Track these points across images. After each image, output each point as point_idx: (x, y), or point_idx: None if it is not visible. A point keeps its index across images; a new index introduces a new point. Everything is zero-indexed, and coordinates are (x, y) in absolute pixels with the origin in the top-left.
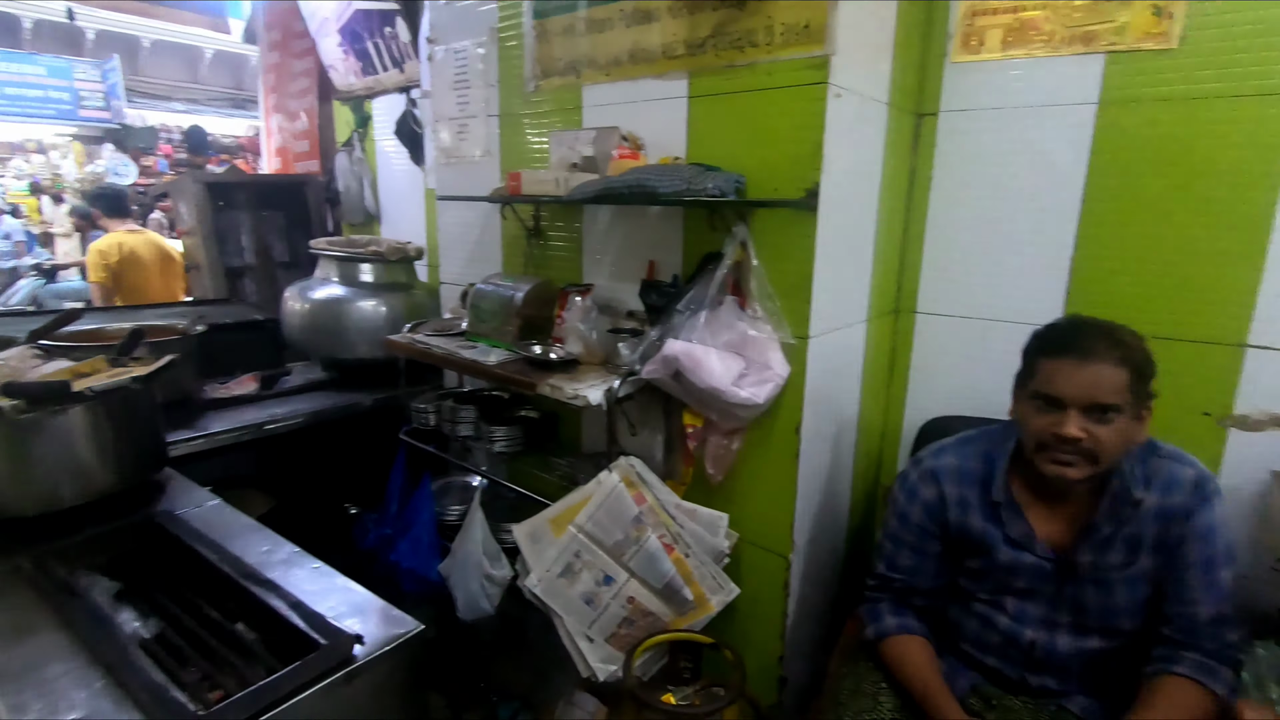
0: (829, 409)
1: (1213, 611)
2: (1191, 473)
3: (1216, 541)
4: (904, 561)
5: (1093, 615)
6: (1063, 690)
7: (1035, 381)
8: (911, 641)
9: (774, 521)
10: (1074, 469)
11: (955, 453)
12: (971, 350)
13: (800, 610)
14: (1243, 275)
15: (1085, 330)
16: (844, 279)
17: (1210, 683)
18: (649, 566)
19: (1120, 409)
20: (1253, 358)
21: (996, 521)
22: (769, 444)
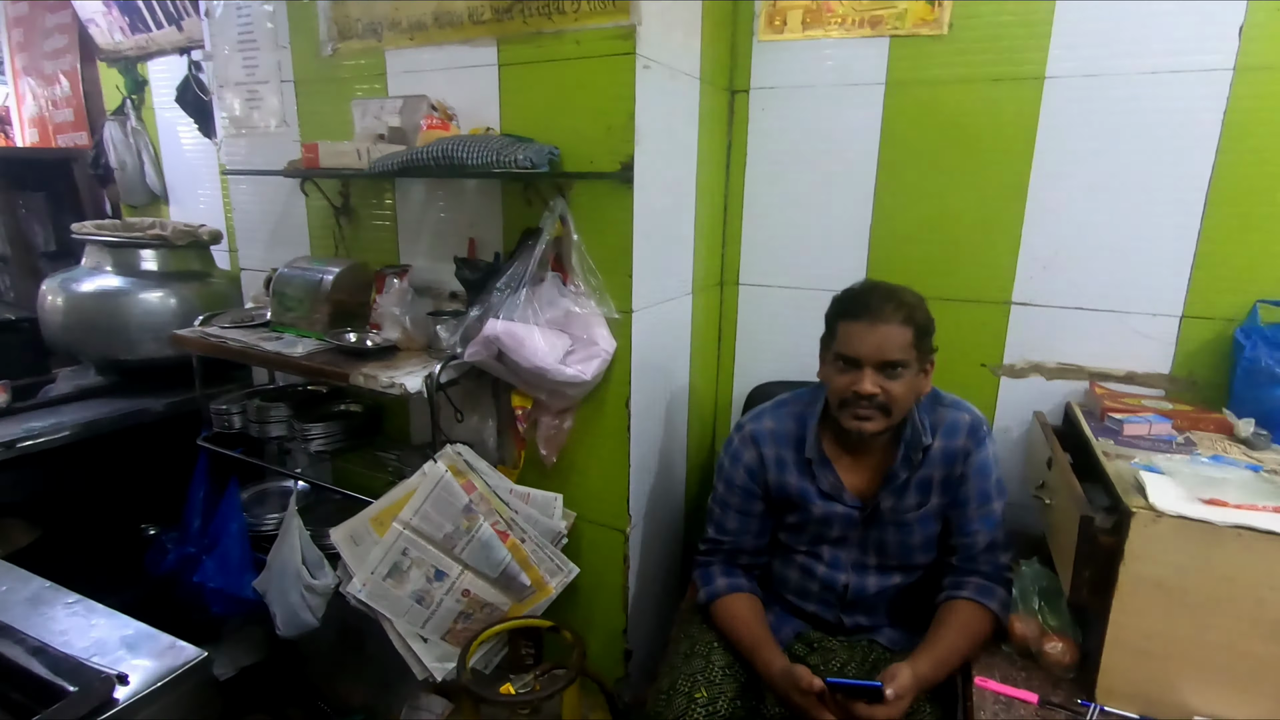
0: (659, 381)
1: (988, 539)
2: (968, 418)
3: (989, 477)
4: (731, 524)
5: (894, 554)
6: (873, 625)
7: (836, 343)
8: (740, 599)
9: (610, 497)
10: (871, 422)
11: (772, 416)
12: (790, 318)
13: (641, 582)
14: (1007, 240)
15: (875, 294)
16: (665, 253)
17: (988, 602)
18: (483, 556)
19: (907, 365)
20: (1016, 313)
21: (810, 477)
22: (601, 420)
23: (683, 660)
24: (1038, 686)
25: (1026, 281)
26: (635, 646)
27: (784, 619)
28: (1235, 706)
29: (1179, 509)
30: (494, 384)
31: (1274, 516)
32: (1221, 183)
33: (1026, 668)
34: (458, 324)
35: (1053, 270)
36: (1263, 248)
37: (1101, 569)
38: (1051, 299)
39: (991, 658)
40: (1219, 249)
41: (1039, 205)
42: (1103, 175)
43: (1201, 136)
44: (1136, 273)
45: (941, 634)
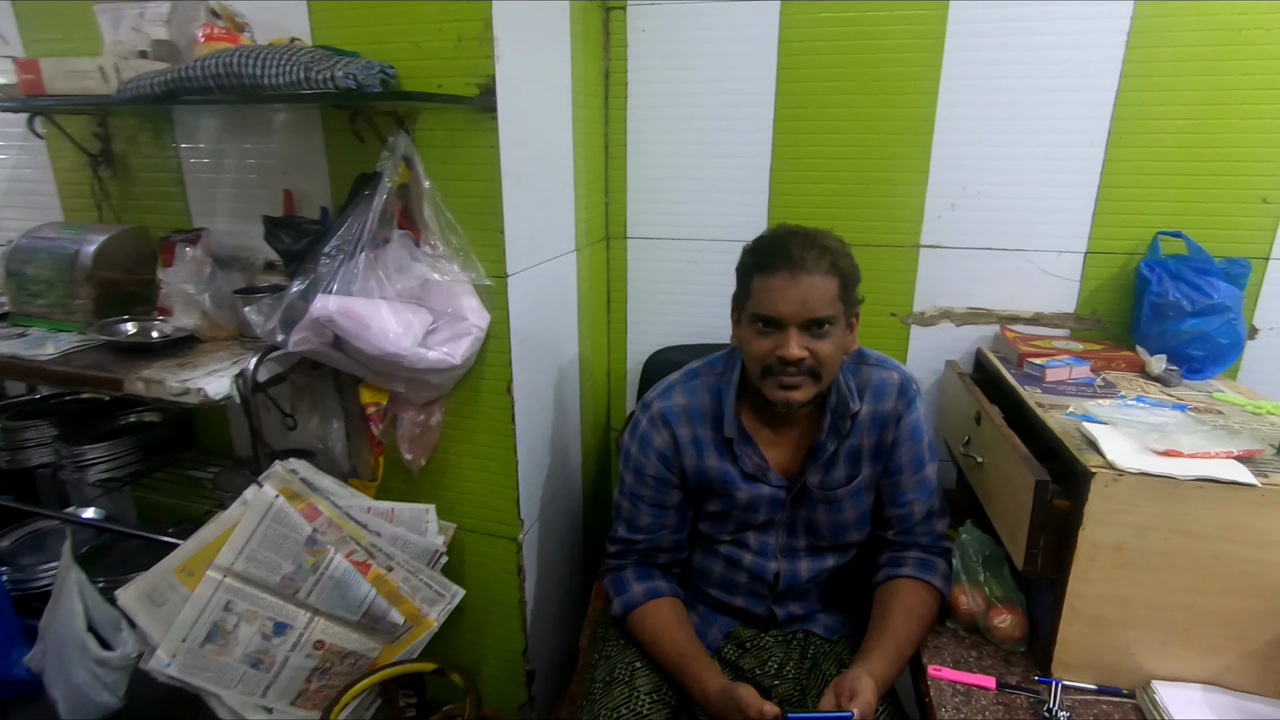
0: (545, 357)
1: (925, 508)
2: (896, 377)
3: (922, 441)
4: (644, 520)
5: (826, 534)
6: (806, 613)
7: (752, 302)
8: (661, 606)
9: (496, 501)
10: (800, 391)
11: (683, 390)
12: (685, 274)
13: (541, 592)
14: (914, 179)
15: (794, 241)
16: (543, 202)
17: (930, 578)
18: (338, 597)
19: (835, 320)
20: (925, 257)
21: (731, 458)
22: (478, 410)
23: (602, 690)
24: (991, 667)
25: (935, 222)
26: (538, 664)
27: (710, 618)
28: (1192, 666)
29: (1139, 465)
30: (336, 376)
31: (1232, 464)
32: (1123, 117)
33: (975, 644)
34: (276, 303)
35: (961, 209)
36: (1161, 181)
37: (1057, 536)
38: (960, 240)
39: (938, 638)
40: (1120, 182)
41: (946, 142)
42: (1008, 110)
43: (1104, 70)
44: (1042, 209)
45: (890, 624)
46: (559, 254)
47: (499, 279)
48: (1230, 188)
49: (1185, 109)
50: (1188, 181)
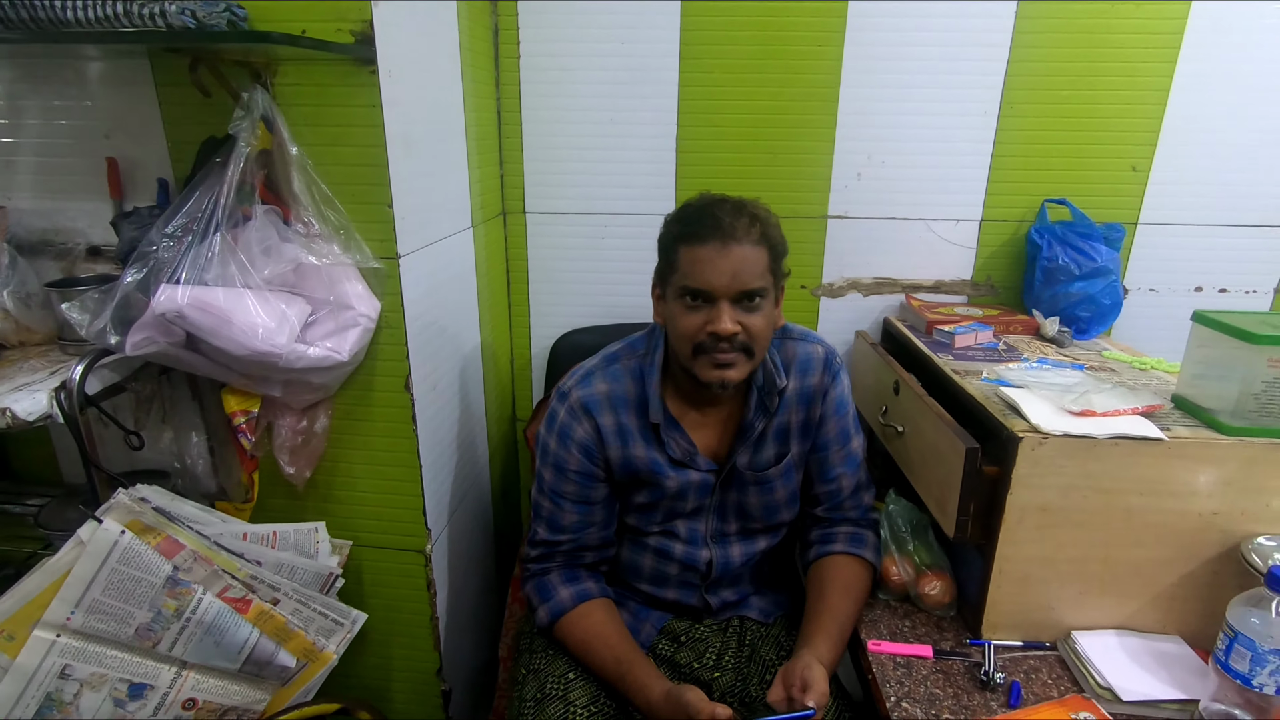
0: (445, 347)
1: (853, 482)
2: (821, 350)
3: (848, 414)
4: (568, 518)
5: (757, 516)
6: (740, 599)
7: (679, 276)
8: (593, 611)
9: (398, 511)
10: (734, 369)
11: (604, 376)
12: (593, 250)
13: (454, 605)
14: (821, 149)
15: (723, 209)
16: (435, 172)
17: (863, 552)
18: (211, 644)
19: (766, 293)
20: (833, 228)
21: (659, 444)
22: (371, 411)
23: (534, 709)
24: (926, 634)
25: (842, 192)
26: (455, 681)
27: (641, 614)
28: (1107, 614)
29: (1062, 426)
30: (192, 382)
31: (1139, 420)
32: (1013, 88)
33: (908, 613)
34: (105, 298)
35: (867, 179)
36: (1048, 150)
37: (986, 501)
38: (866, 210)
39: (872, 611)
40: (1011, 151)
41: (851, 110)
42: (909, 79)
43: (995, 41)
44: (941, 179)
45: (829, 603)
46: (454, 231)
47: (389, 260)
48: (1106, 156)
49: (1068, 80)
50: (1071, 150)
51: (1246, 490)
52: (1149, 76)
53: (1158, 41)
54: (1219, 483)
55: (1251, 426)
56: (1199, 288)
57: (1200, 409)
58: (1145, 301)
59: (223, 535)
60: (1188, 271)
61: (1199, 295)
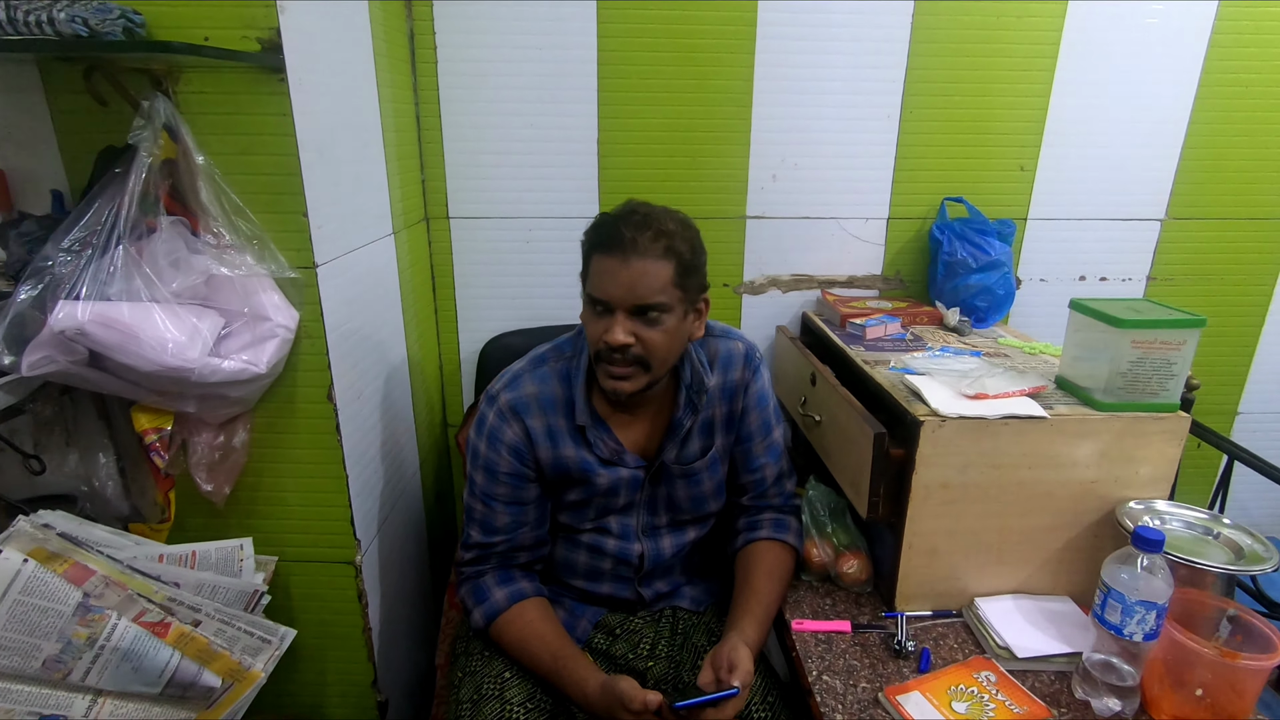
0: (369, 355)
1: (776, 471)
2: (741, 346)
3: (768, 406)
4: (501, 520)
5: (686, 509)
6: (672, 589)
7: (588, 283)
8: (527, 608)
9: (326, 523)
10: (629, 381)
11: (532, 378)
12: (519, 254)
13: (387, 614)
14: (738, 151)
15: (628, 222)
16: (352, 178)
17: (786, 537)
18: (129, 670)
19: (668, 308)
20: (751, 228)
21: (587, 445)
22: (294, 424)
23: (470, 710)
24: (845, 611)
25: (759, 194)
26: (391, 691)
27: (577, 610)
28: (1004, 580)
29: (958, 409)
30: (99, 400)
31: (1025, 400)
32: (912, 93)
33: (829, 592)
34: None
35: (781, 180)
36: (946, 151)
37: (894, 482)
38: (782, 210)
39: (796, 592)
40: (913, 153)
41: (765, 115)
42: (817, 85)
43: (894, 49)
44: (850, 179)
45: (754, 587)
46: (375, 238)
47: (306, 270)
48: (998, 156)
49: (961, 85)
50: (966, 151)
51: (1119, 460)
52: (1033, 81)
53: (1040, 40)
54: (1095, 454)
55: (1120, 402)
56: (1083, 276)
57: (1078, 388)
58: (1036, 290)
59: (137, 558)
60: (1072, 262)
61: (1083, 284)
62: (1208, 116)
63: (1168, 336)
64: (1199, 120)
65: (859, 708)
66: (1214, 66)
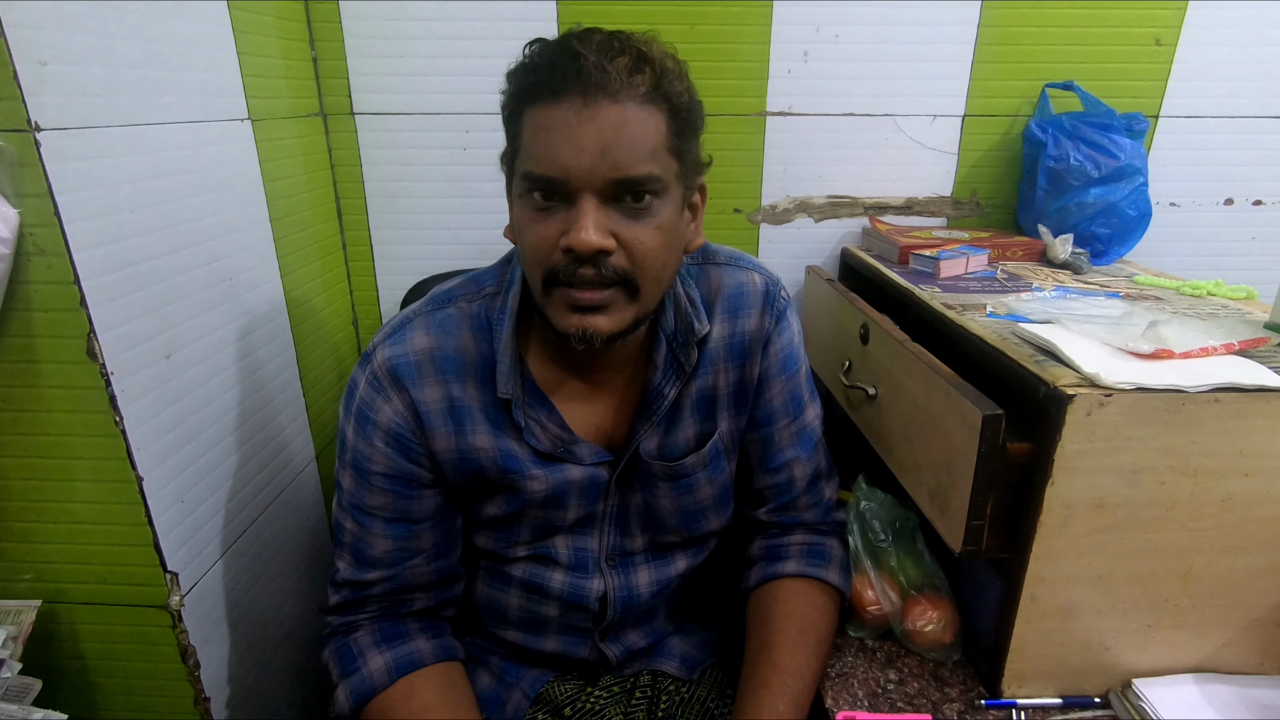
0: (194, 292)
1: (809, 468)
2: (759, 279)
3: (798, 370)
4: (381, 546)
5: (674, 526)
6: (651, 644)
7: (522, 157)
8: (421, 689)
9: (113, 547)
10: (605, 314)
11: (427, 326)
12: (453, 165)
13: (241, 677)
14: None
15: (588, 44)
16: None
17: (824, 573)
18: None
19: (662, 188)
20: (773, 129)
21: (514, 431)
22: (40, 395)
23: None
24: (919, 693)
25: (783, 79)
26: None
27: (510, 675)
28: (1181, 652)
29: (1131, 376)
30: None
31: (1250, 364)
32: None
33: (891, 657)
34: None
35: (815, 60)
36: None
37: (1012, 495)
38: (814, 104)
39: (841, 657)
40: (1001, 21)
41: None
42: None
43: None
44: (912, 61)
45: (778, 661)
46: (203, 118)
47: (18, 134)
48: (1122, 24)
49: None
50: (1078, 17)
51: None
52: None
53: None
54: None
55: None
56: (1229, 200)
57: None
58: (1164, 218)
59: None
60: (1217, 179)
61: (1229, 209)
62: None
63: None
64: None
65: None
66: None
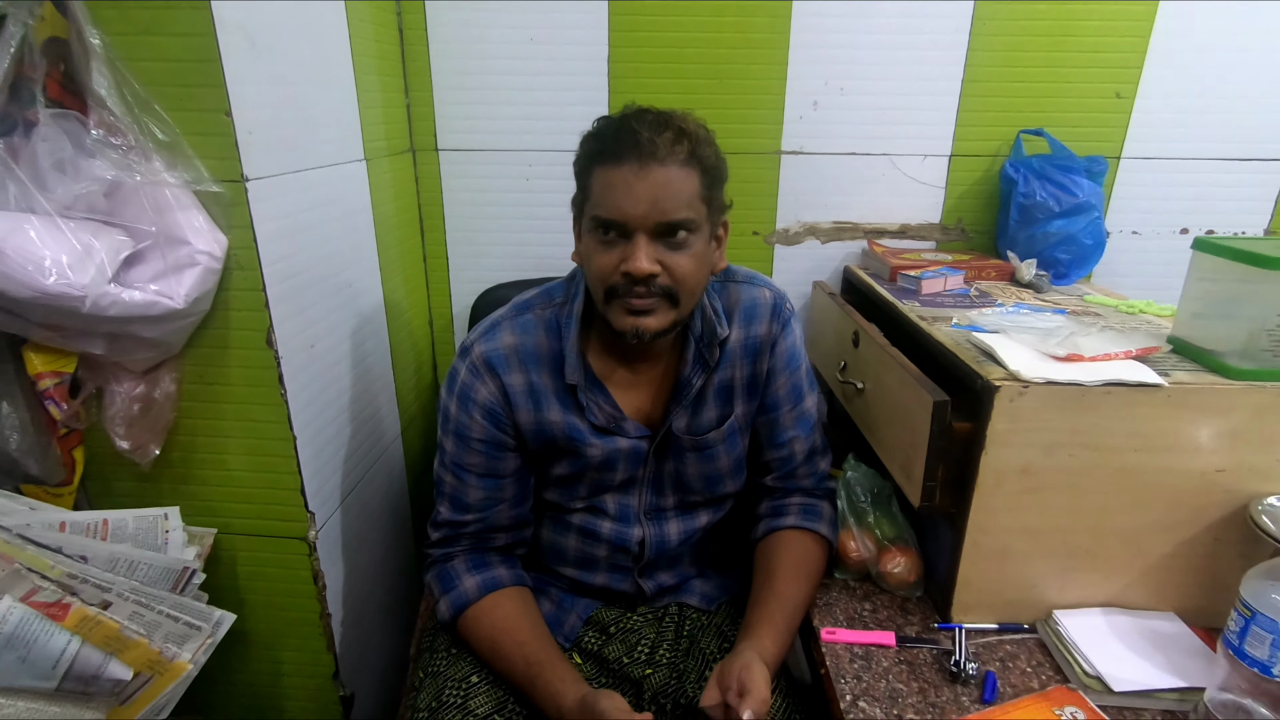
0: (329, 298)
1: (807, 446)
2: (769, 295)
3: (800, 367)
4: (474, 495)
5: (698, 488)
6: (679, 583)
7: (591, 204)
8: (502, 603)
9: (273, 491)
10: (653, 316)
11: (512, 328)
12: (518, 193)
13: (352, 599)
14: (773, 71)
15: (643, 122)
16: (298, 82)
17: (816, 525)
18: (13, 661)
19: (696, 226)
20: (787, 166)
21: (578, 409)
22: (229, 373)
23: (427, 719)
24: (888, 619)
25: (796, 124)
26: (358, 685)
27: (566, 603)
28: (1093, 590)
29: (1045, 373)
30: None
31: (1138, 366)
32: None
33: (868, 594)
34: None
35: (824, 108)
36: (1023, 74)
37: (957, 463)
38: (823, 144)
39: (827, 593)
40: (984, 75)
41: (806, 28)
42: None
43: None
44: (906, 109)
45: (776, 589)
46: (337, 162)
47: (233, 184)
48: (1088, 80)
49: None
50: (1049, 74)
51: (1256, 443)
52: None
53: None
54: (1225, 435)
55: (1264, 369)
56: (1185, 229)
57: (1203, 351)
58: (1127, 245)
59: (30, 526)
60: (1173, 211)
61: (1184, 238)
62: None
63: None
64: None
65: None
66: None
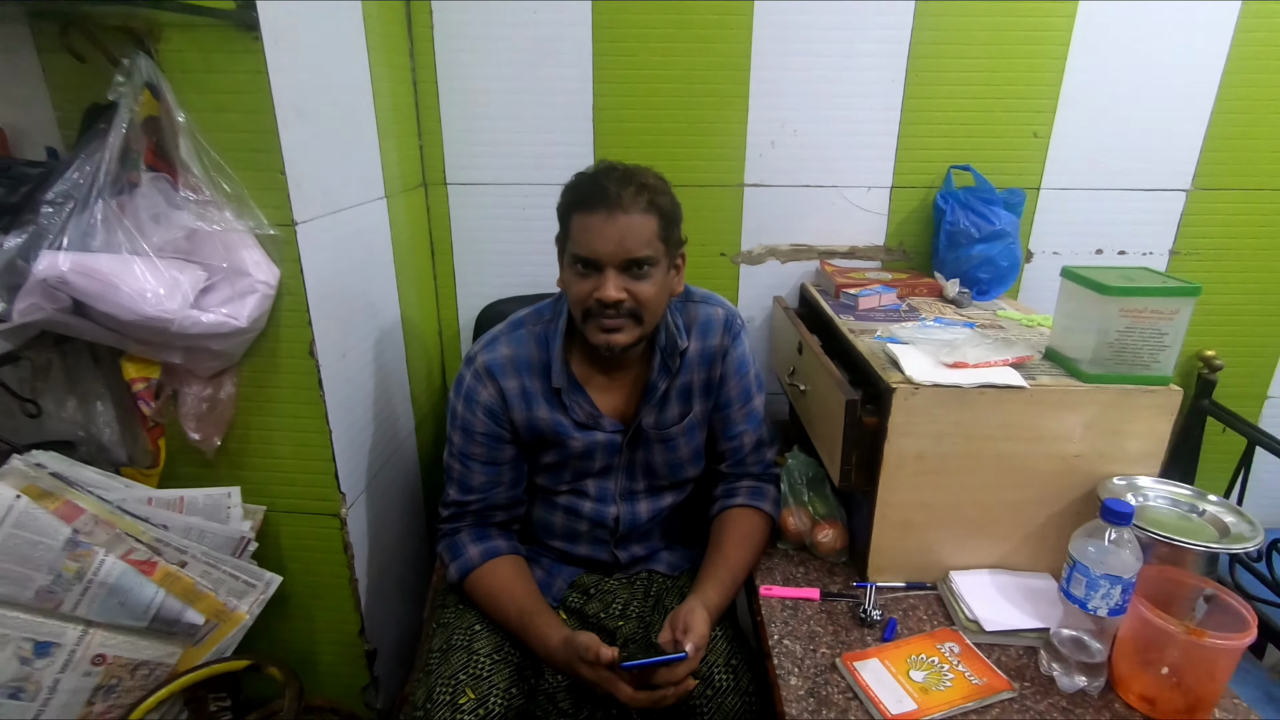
0: (356, 315)
1: (754, 438)
2: (721, 312)
3: (749, 373)
4: (477, 479)
5: (663, 474)
6: (649, 553)
7: (571, 243)
8: (500, 565)
9: (311, 476)
10: (621, 334)
11: (508, 340)
12: (515, 221)
13: (376, 567)
14: (735, 116)
15: (610, 178)
16: (335, 140)
17: (762, 505)
18: (116, 604)
19: (655, 261)
20: (749, 197)
21: (562, 408)
22: (278, 378)
23: (439, 659)
24: (816, 579)
25: (757, 160)
26: (380, 642)
27: (554, 570)
28: (982, 555)
29: (932, 377)
30: (94, 350)
31: (1007, 370)
32: (918, 55)
33: (803, 561)
34: None
35: (780, 147)
36: (953, 117)
37: (867, 450)
38: (781, 178)
39: (771, 560)
40: (919, 119)
41: (763, 78)
42: (819, 47)
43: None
44: (852, 146)
45: (724, 552)
46: (363, 201)
47: (285, 228)
48: (1009, 123)
49: (972, 48)
50: (975, 117)
51: (1105, 433)
52: (1048, 41)
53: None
54: (1080, 427)
55: (1107, 373)
56: (1099, 250)
57: (1066, 359)
58: (1049, 264)
59: (126, 500)
60: (1088, 235)
61: (1099, 258)
62: (1240, 80)
63: (1159, 305)
64: (1230, 84)
65: (815, 672)
66: (1248, 25)
